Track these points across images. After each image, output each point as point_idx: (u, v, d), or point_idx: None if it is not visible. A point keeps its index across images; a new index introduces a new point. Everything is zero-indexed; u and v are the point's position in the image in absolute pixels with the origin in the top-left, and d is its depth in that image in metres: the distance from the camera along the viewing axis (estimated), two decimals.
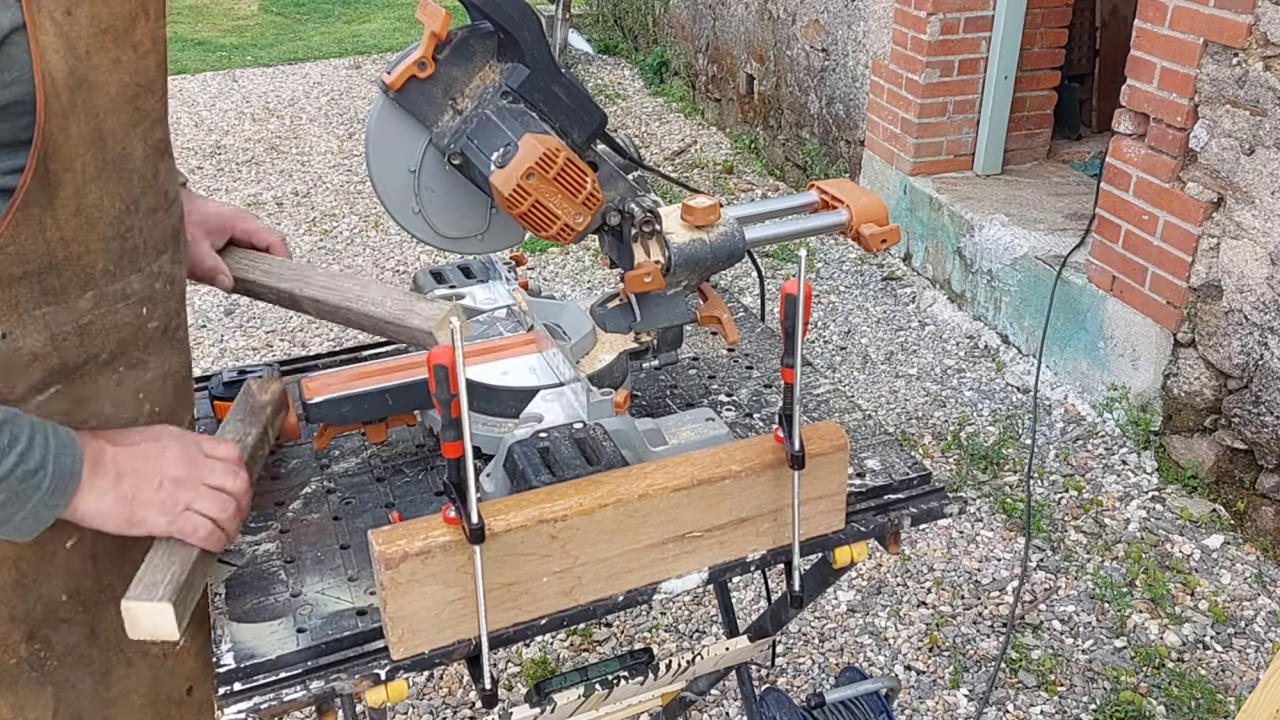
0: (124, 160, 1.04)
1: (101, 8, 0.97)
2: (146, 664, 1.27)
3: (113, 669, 1.24)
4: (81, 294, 1.04)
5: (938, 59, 4.21)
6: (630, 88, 7.31)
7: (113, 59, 0.99)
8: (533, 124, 1.19)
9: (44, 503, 1.00)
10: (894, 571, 2.91)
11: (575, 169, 1.17)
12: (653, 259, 1.28)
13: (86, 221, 1.02)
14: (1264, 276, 2.84)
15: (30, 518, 1.00)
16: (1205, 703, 2.44)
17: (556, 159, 1.15)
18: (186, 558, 1.07)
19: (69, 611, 1.17)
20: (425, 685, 2.55)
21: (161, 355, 1.17)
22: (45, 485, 0.99)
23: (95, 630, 1.21)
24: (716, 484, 1.15)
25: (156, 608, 1.02)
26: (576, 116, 1.22)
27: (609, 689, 1.50)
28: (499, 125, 1.18)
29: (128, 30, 1.00)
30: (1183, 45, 3.00)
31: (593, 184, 1.19)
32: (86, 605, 1.19)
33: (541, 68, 1.19)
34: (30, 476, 0.98)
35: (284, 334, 4.26)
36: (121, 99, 1.02)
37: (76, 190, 0.99)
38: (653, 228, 1.27)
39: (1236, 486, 3.03)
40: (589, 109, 1.23)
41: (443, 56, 1.19)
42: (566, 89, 1.21)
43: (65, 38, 0.94)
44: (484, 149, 1.18)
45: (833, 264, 4.68)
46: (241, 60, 8.04)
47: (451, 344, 0.93)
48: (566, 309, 1.48)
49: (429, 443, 1.44)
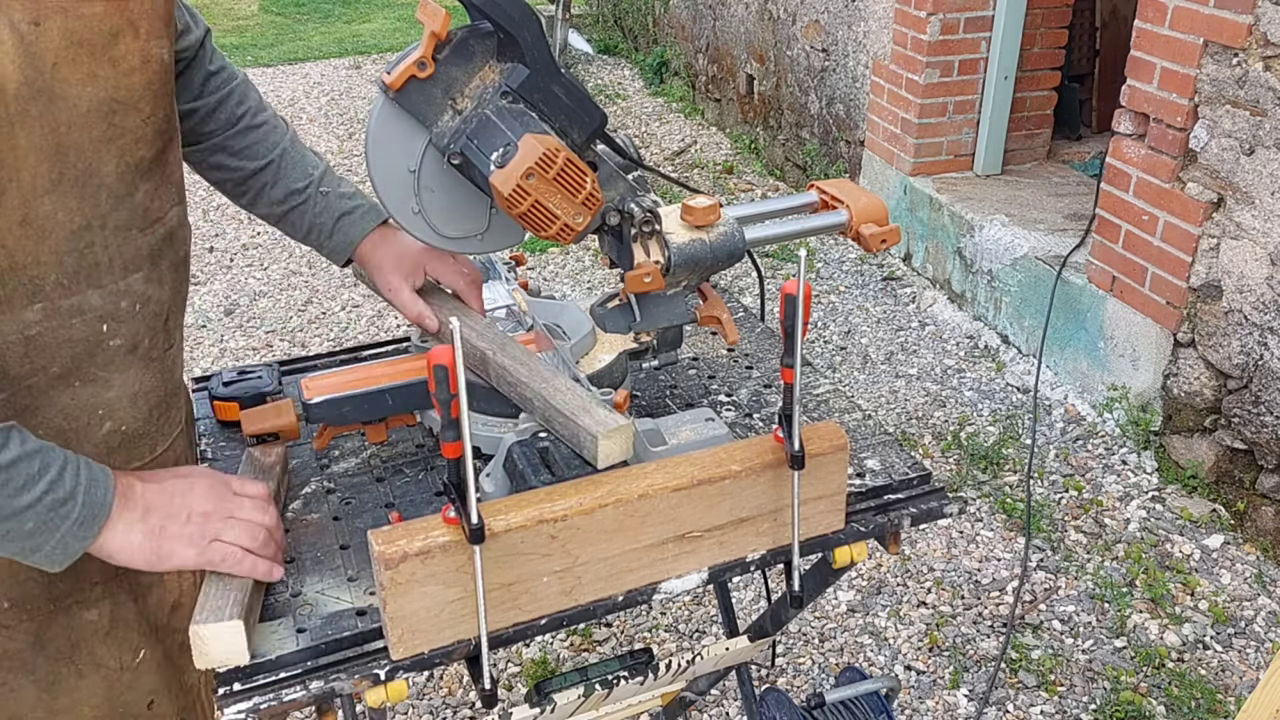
0: (89, 175, 1.02)
1: (75, 21, 0.95)
2: (100, 676, 1.26)
3: (61, 680, 1.22)
4: (29, 305, 1.03)
5: (938, 59, 4.21)
6: (630, 88, 7.31)
7: (86, 73, 0.97)
8: (532, 124, 1.19)
9: (72, 534, 1.00)
10: (894, 571, 2.91)
11: (575, 169, 1.17)
12: (652, 259, 1.28)
13: (36, 233, 1.00)
14: (1264, 276, 2.84)
15: (59, 548, 1.00)
16: (1205, 703, 2.44)
17: (556, 159, 1.15)
18: (243, 584, 1.07)
19: (11, 619, 1.16)
20: (425, 685, 2.55)
21: (129, 374, 1.15)
22: (74, 515, 0.99)
23: (41, 639, 1.19)
24: (716, 484, 1.15)
25: (227, 626, 1.01)
26: (576, 116, 1.22)
27: (609, 689, 1.50)
28: (499, 125, 1.18)
29: (107, 45, 0.98)
30: (1183, 45, 3.00)
31: (592, 184, 1.19)
32: (31, 614, 1.17)
33: (541, 68, 1.19)
34: (59, 506, 0.98)
35: (284, 334, 4.27)
36: (94, 114, 0.99)
37: (23, 200, 0.97)
38: (652, 228, 1.27)
39: (1236, 486, 3.03)
40: (589, 109, 1.23)
41: (442, 56, 1.19)
42: (566, 89, 1.21)
43: (27, 48, 0.92)
44: (484, 149, 1.18)
45: (833, 264, 4.68)
46: (241, 60, 8.04)
47: (451, 344, 0.93)
48: (566, 309, 1.48)
49: (429, 443, 1.44)
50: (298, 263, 4.87)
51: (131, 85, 1.02)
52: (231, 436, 1.45)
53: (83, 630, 1.23)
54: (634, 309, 1.37)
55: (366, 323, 4.34)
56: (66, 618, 1.21)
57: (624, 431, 1.15)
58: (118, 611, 1.26)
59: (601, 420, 1.17)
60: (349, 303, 4.50)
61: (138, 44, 1.01)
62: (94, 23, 0.96)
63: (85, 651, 1.24)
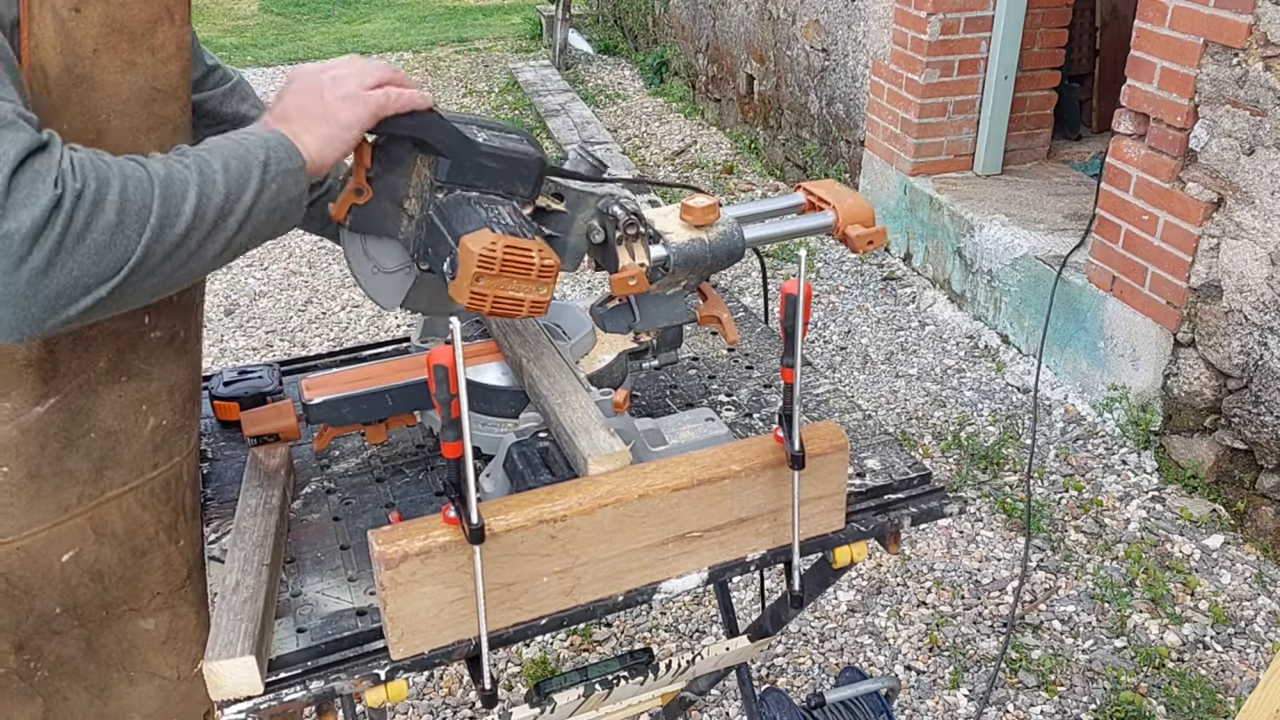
0: None
1: (117, 8, 0.95)
2: (154, 685, 1.25)
3: (112, 686, 1.22)
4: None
5: (938, 59, 4.21)
6: (630, 88, 7.31)
7: (126, 60, 0.97)
8: (471, 213, 1.16)
9: (294, 179, 1.01)
10: (894, 571, 2.91)
11: (517, 251, 1.13)
12: (637, 261, 1.27)
13: None
14: (1264, 276, 2.84)
15: (295, 197, 1.01)
16: (1205, 703, 2.44)
17: (495, 253, 1.11)
18: (254, 614, 1.07)
19: (63, 624, 1.15)
20: (425, 685, 2.55)
21: (166, 367, 1.15)
22: (286, 164, 1.00)
23: (92, 645, 1.19)
24: (716, 484, 1.15)
25: (240, 662, 1.01)
26: (513, 174, 1.20)
27: (609, 689, 1.50)
28: (440, 229, 1.17)
29: (147, 33, 0.98)
30: (1183, 45, 3.00)
31: (540, 255, 1.14)
32: (83, 619, 1.17)
33: (459, 151, 1.17)
34: (274, 168, 0.98)
35: (284, 334, 4.27)
36: (134, 102, 0.99)
37: None
38: (636, 230, 1.25)
39: (1236, 486, 3.03)
40: (521, 162, 1.20)
41: (373, 174, 1.19)
42: (493, 156, 1.19)
43: (68, 35, 0.92)
44: (436, 257, 1.18)
45: (833, 264, 4.68)
46: (241, 60, 8.03)
47: (451, 344, 0.93)
48: (566, 309, 1.48)
49: (429, 443, 1.44)
50: (298, 263, 4.87)
51: (170, 73, 1.02)
52: (232, 436, 1.45)
53: (136, 638, 1.22)
54: (634, 309, 1.37)
55: (366, 323, 4.35)
56: (120, 624, 1.20)
57: (618, 458, 1.16)
58: (177, 623, 1.25)
59: (597, 444, 1.17)
60: (349, 303, 4.50)
61: (174, 31, 1.01)
62: (134, 10, 0.96)
63: (138, 659, 1.23)
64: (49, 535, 1.08)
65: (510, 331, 1.39)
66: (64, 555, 1.11)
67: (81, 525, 1.07)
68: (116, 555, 1.13)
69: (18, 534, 1.07)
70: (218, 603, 1.09)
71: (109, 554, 1.12)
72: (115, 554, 1.13)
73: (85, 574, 1.13)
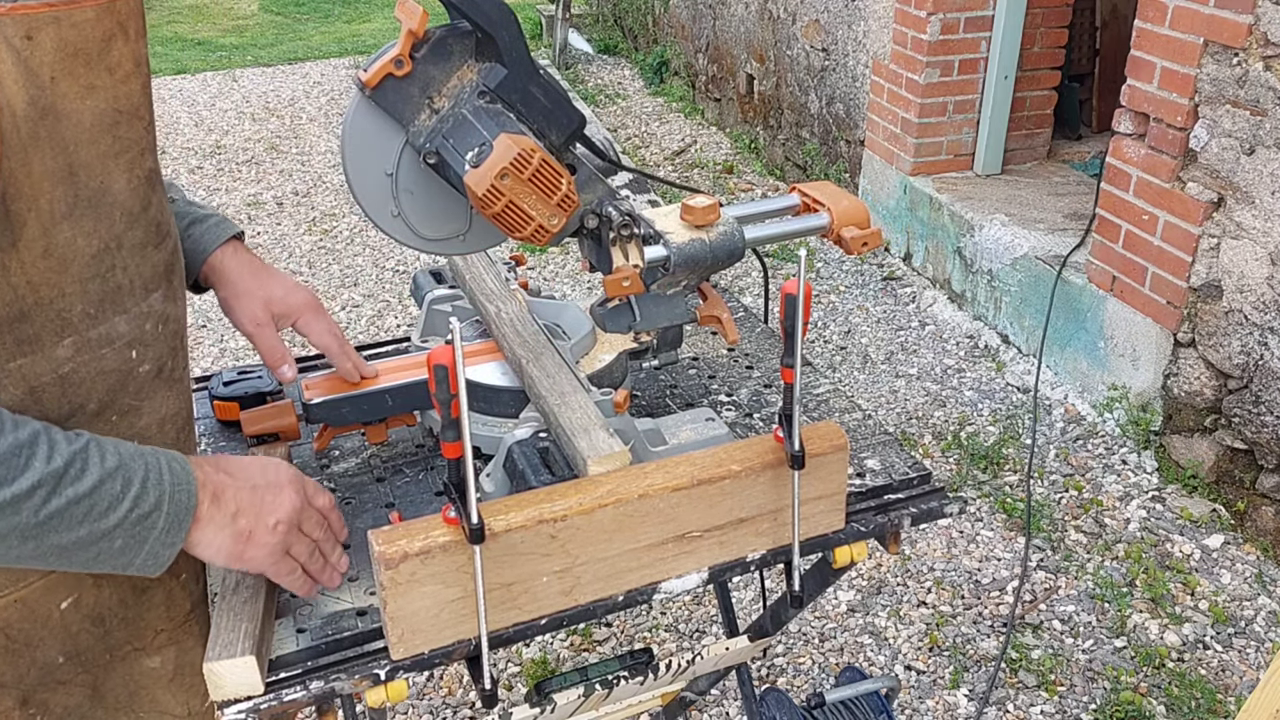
0: (102, 194, 0.97)
1: (69, 30, 0.90)
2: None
3: None
4: (59, 341, 0.97)
5: (938, 59, 4.21)
6: (630, 88, 7.31)
7: (85, 85, 0.92)
8: (509, 124, 1.17)
9: (161, 542, 0.97)
10: (894, 571, 2.91)
11: (550, 170, 1.15)
12: (631, 263, 1.27)
13: (58, 263, 0.95)
14: (1264, 276, 2.84)
15: (150, 558, 0.98)
16: (1205, 703, 2.44)
17: (531, 159, 1.13)
18: (254, 614, 1.07)
19: (67, 673, 1.12)
20: (425, 685, 2.55)
21: (156, 399, 1.11)
22: (160, 525, 0.96)
23: (99, 691, 1.15)
24: (716, 484, 1.15)
25: (240, 662, 1.01)
26: (554, 118, 1.20)
27: (609, 689, 1.50)
28: (475, 125, 1.16)
29: (102, 53, 0.93)
30: (1183, 45, 3.00)
31: (568, 186, 1.17)
32: (87, 666, 1.13)
33: (519, 68, 1.17)
34: (144, 519, 0.95)
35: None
36: (98, 128, 0.95)
37: (43, 230, 0.92)
38: (630, 231, 1.25)
39: (1236, 486, 3.03)
40: (567, 110, 1.21)
41: (420, 55, 1.17)
42: (545, 90, 1.19)
43: (24, 65, 0.87)
44: (459, 149, 1.17)
45: (833, 264, 4.68)
46: (241, 60, 8.04)
47: (451, 344, 0.93)
48: (566, 309, 1.48)
49: (429, 443, 1.44)
50: (298, 263, 4.87)
51: (130, 92, 0.98)
52: (232, 436, 1.45)
53: (143, 678, 1.19)
54: (634, 309, 1.37)
55: (366, 323, 4.34)
56: (125, 666, 1.17)
57: (618, 459, 1.16)
58: (183, 658, 1.22)
59: (597, 445, 1.17)
60: (349, 303, 4.50)
61: (129, 47, 0.97)
62: (86, 29, 0.91)
63: (146, 699, 1.20)
64: (45, 584, 1.05)
65: (510, 331, 1.39)
66: (63, 603, 1.07)
67: (78, 570, 1.05)
68: (116, 596, 1.10)
69: (14, 586, 1.03)
70: (218, 603, 1.08)
71: (108, 596, 1.09)
72: (115, 595, 1.10)
73: (86, 619, 1.10)
